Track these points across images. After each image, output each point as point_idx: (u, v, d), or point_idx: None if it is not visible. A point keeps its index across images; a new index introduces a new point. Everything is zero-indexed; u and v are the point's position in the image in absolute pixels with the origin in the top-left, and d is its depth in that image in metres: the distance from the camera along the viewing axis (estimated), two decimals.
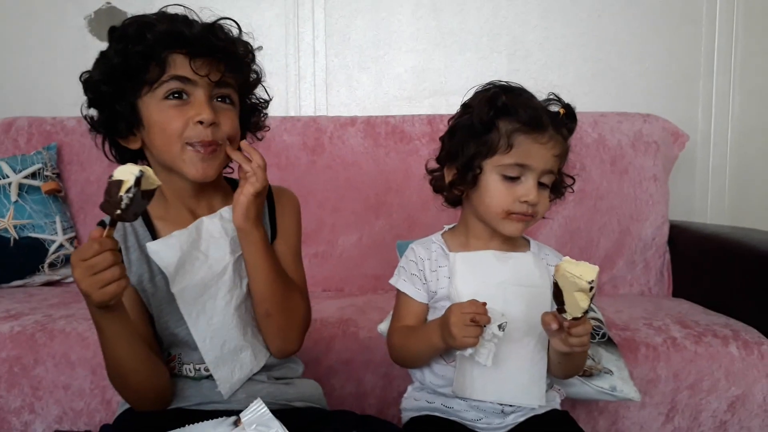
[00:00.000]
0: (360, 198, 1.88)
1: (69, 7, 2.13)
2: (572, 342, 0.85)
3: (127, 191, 0.70)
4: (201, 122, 0.85)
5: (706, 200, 2.16)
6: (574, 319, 0.81)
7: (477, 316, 0.85)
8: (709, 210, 2.16)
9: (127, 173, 0.71)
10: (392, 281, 1.03)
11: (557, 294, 0.82)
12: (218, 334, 0.90)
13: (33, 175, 1.83)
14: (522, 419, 0.96)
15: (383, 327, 1.27)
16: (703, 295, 1.68)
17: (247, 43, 0.94)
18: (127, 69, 0.85)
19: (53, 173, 1.87)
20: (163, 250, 0.89)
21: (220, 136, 0.88)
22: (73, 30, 2.12)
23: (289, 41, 2.12)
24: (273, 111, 2.25)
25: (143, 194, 0.72)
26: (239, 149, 0.91)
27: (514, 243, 1.00)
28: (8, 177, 1.80)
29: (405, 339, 0.99)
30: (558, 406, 1.01)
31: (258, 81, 0.98)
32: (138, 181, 0.70)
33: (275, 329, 0.94)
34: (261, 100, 1.00)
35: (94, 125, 0.91)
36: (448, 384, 0.96)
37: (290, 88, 2.14)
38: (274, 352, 0.96)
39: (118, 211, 0.71)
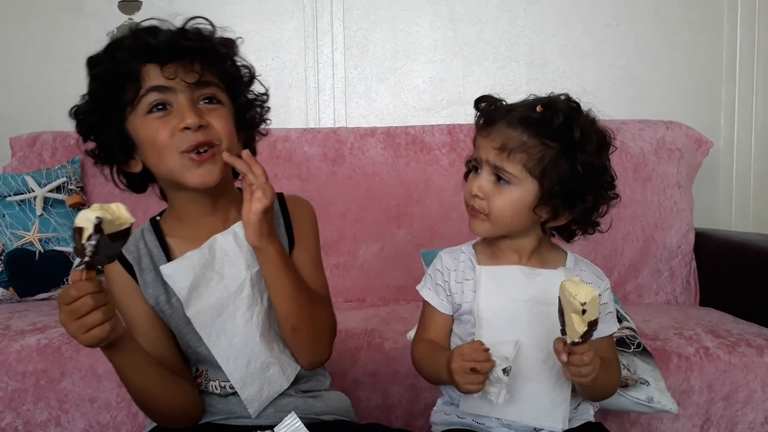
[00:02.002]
0: (381, 208, 1.87)
1: (91, 23, 2.16)
2: (571, 371, 0.82)
3: (89, 239, 0.67)
4: (188, 128, 0.82)
5: (730, 207, 2.13)
6: (574, 344, 0.79)
7: (477, 365, 0.82)
8: (733, 217, 2.13)
9: (85, 220, 0.67)
10: (418, 287, 1.01)
11: (561, 313, 0.80)
12: (241, 354, 0.88)
13: (58, 189, 1.85)
14: None
15: (412, 334, 1.26)
16: (732, 303, 1.64)
17: (226, 38, 0.90)
18: (105, 92, 0.84)
19: (77, 187, 1.89)
20: (177, 273, 0.87)
21: (215, 136, 0.84)
22: (95, 46, 2.14)
23: (308, 54, 2.14)
24: (293, 123, 2.27)
25: (113, 236, 0.69)
26: (239, 157, 0.86)
27: (546, 256, 0.97)
28: (33, 191, 1.82)
29: (423, 360, 0.97)
30: (592, 418, 0.99)
31: (251, 77, 0.94)
32: (98, 227, 0.66)
33: (304, 342, 0.92)
34: (257, 95, 0.96)
35: (95, 157, 0.90)
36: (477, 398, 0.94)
37: (310, 101, 2.15)
38: (305, 365, 0.94)
39: (87, 259, 0.68)
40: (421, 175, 1.88)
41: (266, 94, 0.97)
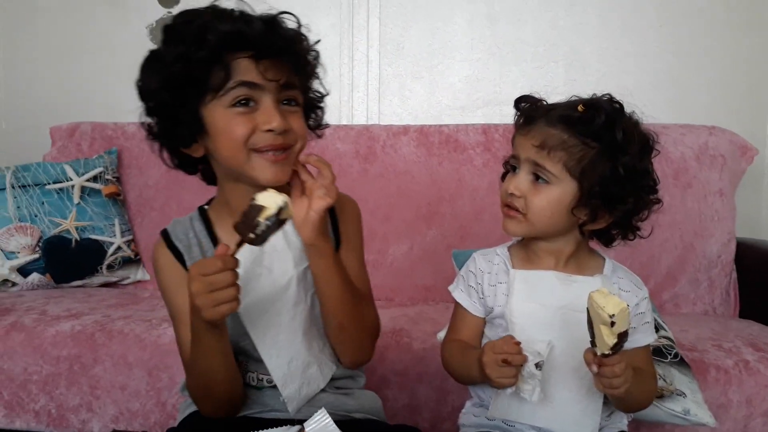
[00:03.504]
0: (412, 207, 1.86)
1: (132, 16, 2.20)
2: (603, 383, 0.80)
3: (267, 218, 0.70)
4: (272, 130, 0.81)
5: None
6: (604, 356, 0.77)
7: (509, 357, 0.81)
8: None
9: (270, 200, 0.70)
10: (450, 288, 1.00)
11: (590, 325, 0.78)
12: (285, 351, 0.88)
13: (95, 179, 1.88)
14: None
15: (442, 335, 1.24)
16: None
17: (308, 40, 0.88)
18: (189, 75, 0.79)
19: (113, 177, 1.92)
20: None
21: (293, 139, 0.85)
22: (134, 38, 2.18)
23: (343, 50, 2.13)
24: (326, 119, 2.27)
25: (279, 223, 0.72)
26: (304, 164, 0.88)
27: (581, 263, 0.94)
28: (71, 180, 1.85)
29: (453, 359, 0.96)
30: (625, 428, 0.96)
31: (316, 75, 0.92)
32: (280, 210, 0.70)
33: (349, 341, 0.92)
34: (317, 95, 0.95)
35: (154, 134, 0.87)
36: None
37: (343, 97, 2.14)
38: (349, 364, 0.94)
39: (252, 235, 0.70)
40: (454, 174, 1.86)
41: (326, 95, 0.96)
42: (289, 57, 0.83)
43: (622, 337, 0.75)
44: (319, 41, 0.90)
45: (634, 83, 2.05)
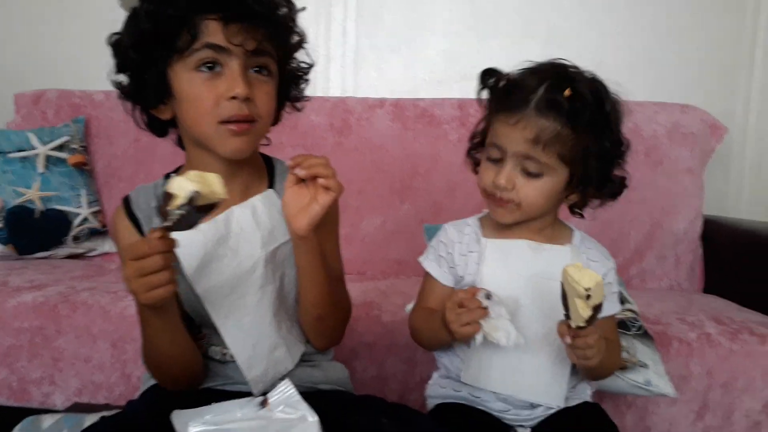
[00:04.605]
0: (386, 181, 1.85)
1: None
2: (576, 354, 0.81)
3: (178, 208, 0.66)
4: (234, 97, 0.78)
5: (741, 196, 2.09)
6: (579, 328, 0.78)
7: (464, 300, 0.82)
8: (744, 206, 2.09)
9: (179, 188, 0.66)
10: (420, 259, 1.00)
11: (564, 297, 0.78)
12: (250, 334, 0.86)
13: (60, 148, 1.83)
14: (552, 411, 0.93)
15: (410, 307, 1.24)
16: (737, 291, 1.62)
17: (290, 2, 0.85)
18: (157, 34, 0.77)
19: (80, 146, 1.87)
20: (187, 245, 0.80)
21: (256, 112, 0.81)
22: (103, 3, 2.10)
23: (320, 20, 2.09)
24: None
25: (200, 208, 0.68)
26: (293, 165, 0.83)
27: (552, 233, 0.95)
28: (36, 148, 1.80)
29: (420, 323, 0.97)
30: (589, 398, 0.97)
31: (300, 45, 0.88)
32: (191, 199, 0.66)
33: (325, 330, 0.92)
34: (302, 66, 0.91)
35: (124, 92, 0.85)
36: None
37: (318, 68, 2.08)
38: (320, 348, 0.94)
39: (168, 223, 0.67)
40: (429, 149, 1.85)
41: (311, 65, 0.92)
42: (261, 22, 0.80)
43: (597, 309, 0.76)
44: (304, 8, 0.87)
45: (612, 61, 2.04)
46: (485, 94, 0.94)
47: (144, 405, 0.87)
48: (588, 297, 0.74)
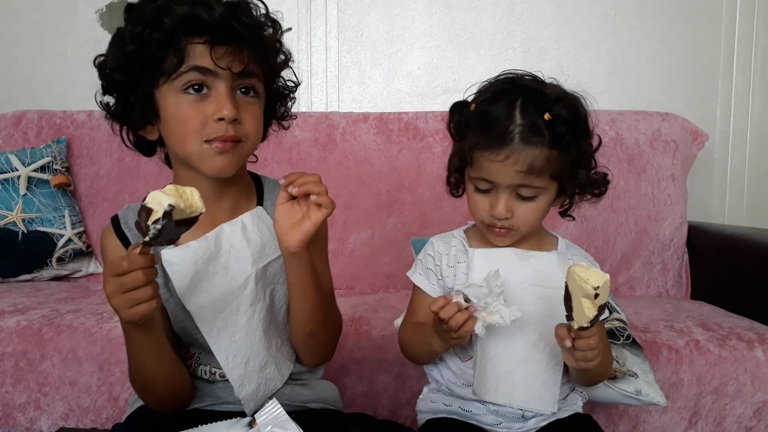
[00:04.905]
0: (372, 195, 1.85)
1: (80, 1, 2.11)
2: (576, 356, 0.81)
3: (155, 222, 0.65)
4: (222, 119, 0.78)
5: (723, 201, 2.12)
6: (581, 329, 0.77)
7: (442, 315, 0.81)
8: (726, 211, 2.12)
9: (157, 203, 0.65)
10: (409, 273, 1.00)
11: (567, 298, 0.78)
12: (241, 351, 0.85)
13: (42, 169, 1.81)
14: (543, 424, 0.92)
15: (399, 321, 1.24)
16: (724, 297, 1.64)
17: (275, 23, 0.85)
18: (143, 57, 0.77)
19: (62, 167, 1.85)
20: (178, 263, 0.82)
21: (243, 133, 0.81)
22: (84, 23, 2.10)
23: (302, 36, 2.10)
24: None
25: (180, 222, 0.68)
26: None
27: (539, 241, 0.96)
28: (17, 170, 1.78)
29: (410, 337, 0.96)
30: (580, 410, 0.97)
31: (286, 64, 0.89)
32: (167, 213, 0.65)
33: (316, 346, 0.91)
34: (289, 85, 0.92)
35: (111, 113, 0.85)
36: (466, 383, 0.92)
37: (302, 84, 2.10)
38: (310, 365, 0.93)
39: (146, 238, 0.67)
40: (414, 162, 1.86)
41: (298, 84, 0.93)
42: (247, 44, 0.80)
43: (602, 309, 0.76)
44: (290, 29, 0.88)
45: (591, 71, 2.07)
46: (457, 129, 0.94)
47: (130, 428, 0.86)
48: (596, 296, 0.74)
